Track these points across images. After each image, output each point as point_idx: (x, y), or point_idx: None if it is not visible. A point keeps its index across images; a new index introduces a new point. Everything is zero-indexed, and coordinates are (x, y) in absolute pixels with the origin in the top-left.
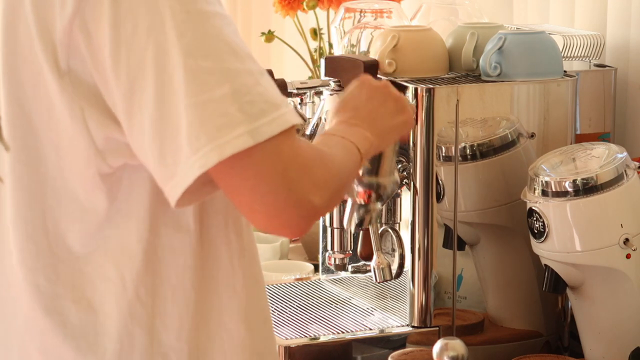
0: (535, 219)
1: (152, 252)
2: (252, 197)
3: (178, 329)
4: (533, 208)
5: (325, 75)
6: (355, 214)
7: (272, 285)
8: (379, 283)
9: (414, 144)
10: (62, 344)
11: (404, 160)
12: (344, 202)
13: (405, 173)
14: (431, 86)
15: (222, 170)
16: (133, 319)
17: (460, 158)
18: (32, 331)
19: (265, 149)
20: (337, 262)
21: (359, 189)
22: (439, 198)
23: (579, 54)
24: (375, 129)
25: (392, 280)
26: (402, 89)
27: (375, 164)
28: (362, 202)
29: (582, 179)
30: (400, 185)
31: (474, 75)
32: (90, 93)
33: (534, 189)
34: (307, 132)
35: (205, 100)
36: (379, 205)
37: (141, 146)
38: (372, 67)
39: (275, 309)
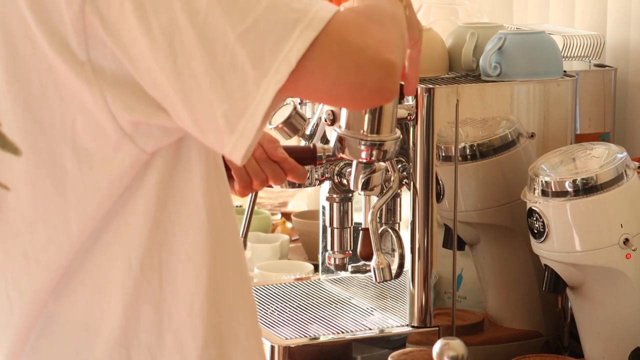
0: (535, 219)
1: (160, 229)
2: (327, 85)
3: (189, 305)
4: (533, 208)
5: None
6: (360, 176)
7: (272, 285)
8: (378, 283)
9: (414, 144)
10: (71, 326)
11: (403, 160)
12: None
13: (405, 173)
14: (431, 86)
15: (292, 79)
16: (139, 295)
17: (460, 158)
18: (37, 319)
19: (324, 36)
20: (337, 262)
21: (361, 148)
22: (439, 198)
23: (579, 54)
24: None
25: (392, 280)
26: (402, 88)
27: (376, 122)
28: (366, 162)
29: (582, 179)
30: (400, 185)
31: (474, 75)
32: (114, 78)
33: (534, 189)
34: (307, 132)
35: (253, 22)
36: (383, 164)
37: (200, 101)
38: None
39: (275, 309)
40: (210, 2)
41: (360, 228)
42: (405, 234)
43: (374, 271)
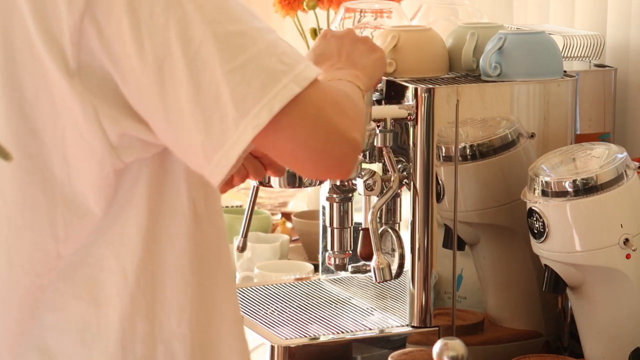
0: (535, 219)
1: (151, 240)
2: (294, 145)
3: (178, 315)
4: (533, 208)
5: None
6: None
7: (272, 285)
8: (378, 283)
9: (414, 144)
10: (66, 340)
11: (403, 160)
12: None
13: (405, 173)
14: (431, 86)
15: (267, 128)
16: (134, 308)
17: (460, 158)
18: (30, 331)
19: (303, 97)
20: (337, 262)
21: None
22: (439, 198)
23: (579, 54)
24: (358, 68)
25: (392, 280)
26: (402, 89)
27: None
28: None
29: (582, 179)
30: (400, 185)
31: (474, 75)
32: (102, 90)
33: (534, 189)
34: None
35: (243, 62)
36: (360, 156)
37: (181, 126)
38: None
39: (275, 309)
40: (206, 34)
41: (360, 228)
42: (405, 234)
43: (374, 271)
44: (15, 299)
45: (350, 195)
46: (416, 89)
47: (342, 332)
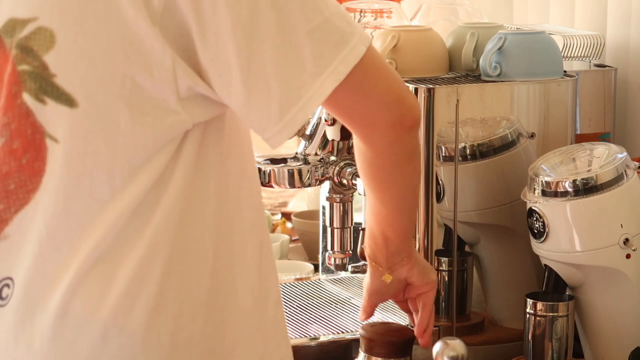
0: (535, 219)
1: (181, 213)
2: (384, 97)
3: (196, 291)
4: (533, 208)
5: None
6: None
7: None
8: None
9: None
10: (113, 291)
11: None
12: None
13: None
14: (431, 86)
15: (346, 84)
16: (173, 265)
17: (460, 158)
18: (80, 279)
19: (371, 54)
20: (337, 262)
21: None
22: (439, 198)
23: (579, 54)
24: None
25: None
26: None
27: None
28: None
29: (582, 179)
30: None
31: (474, 75)
32: (178, 44)
33: (534, 189)
34: (307, 132)
35: (320, 23)
36: None
37: (260, 82)
38: None
39: None
40: None
41: (360, 228)
42: None
43: None
44: (67, 248)
45: (351, 195)
46: (416, 89)
47: (342, 332)
